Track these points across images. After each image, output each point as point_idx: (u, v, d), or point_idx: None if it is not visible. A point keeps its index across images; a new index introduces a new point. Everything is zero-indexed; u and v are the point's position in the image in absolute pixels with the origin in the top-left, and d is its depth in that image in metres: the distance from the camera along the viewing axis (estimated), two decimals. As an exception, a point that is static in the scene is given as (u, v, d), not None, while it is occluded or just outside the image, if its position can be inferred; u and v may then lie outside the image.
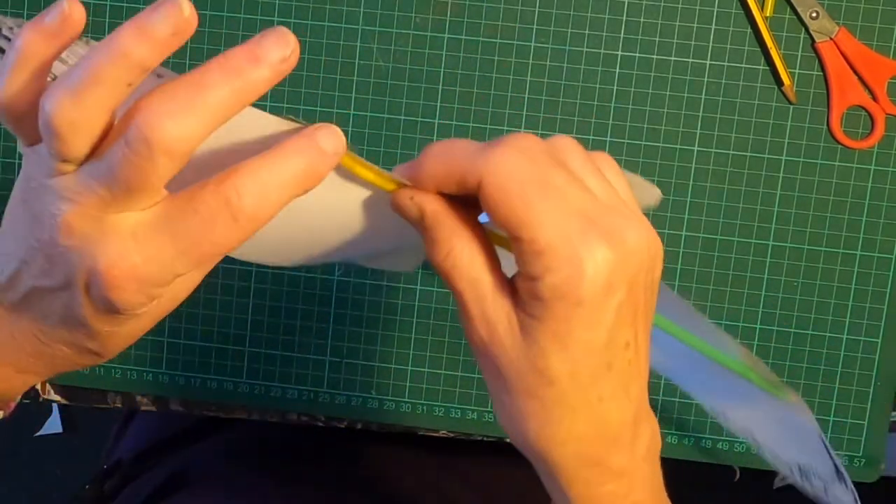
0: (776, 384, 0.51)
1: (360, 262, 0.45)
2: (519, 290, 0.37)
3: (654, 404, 0.66)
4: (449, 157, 0.37)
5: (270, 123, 0.36)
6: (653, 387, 0.66)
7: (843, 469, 0.57)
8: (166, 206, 0.34)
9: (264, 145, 0.35)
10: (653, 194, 0.48)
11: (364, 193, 0.39)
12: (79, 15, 0.34)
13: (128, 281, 0.34)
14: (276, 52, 0.33)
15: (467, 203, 0.38)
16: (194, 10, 0.33)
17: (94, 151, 0.34)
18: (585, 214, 0.36)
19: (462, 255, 0.37)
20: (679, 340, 0.48)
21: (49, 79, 0.34)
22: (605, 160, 0.39)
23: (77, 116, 0.33)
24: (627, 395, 0.39)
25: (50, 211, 0.35)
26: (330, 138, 0.35)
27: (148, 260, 0.34)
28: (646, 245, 0.37)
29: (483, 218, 0.38)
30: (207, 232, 0.34)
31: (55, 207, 0.35)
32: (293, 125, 0.36)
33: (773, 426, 0.54)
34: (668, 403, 0.66)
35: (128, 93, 0.33)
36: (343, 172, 0.37)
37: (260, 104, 0.34)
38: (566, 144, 0.38)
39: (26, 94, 0.35)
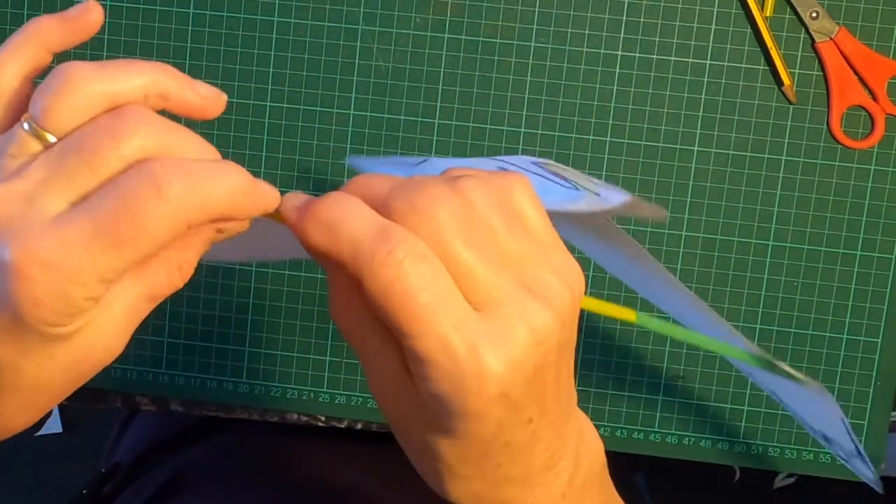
0: (794, 375, 0.51)
1: None
2: (412, 374, 0.34)
3: (653, 404, 0.66)
4: (334, 237, 0.33)
5: None
6: (653, 386, 0.66)
7: (863, 452, 0.56)
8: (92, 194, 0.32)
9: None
10: (657, 213, 0.47)
11: None
12: (96, 15, 0.36)
13: (40, 268, 0.31)
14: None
15: None
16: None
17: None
18: (483, 307, 0.33)
19: (348, 321, 0.35)
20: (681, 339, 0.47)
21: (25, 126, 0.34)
22: (514, 189, 0.36)
23: (103, 88, 0.33)
24: (531, 455, 0.37)
25: None
26: (268, 186, 0.34)
27: (63, 243, 0.31)
28: (553, 323, 0.34)
29: None
30: (128, 206, 0.31)
31: None
32: None
33: (797, 396, 0.53)
34: (668, 403, 0.66)
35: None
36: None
37: (260, 103, 0.34)
38: (471, 190, 0.35)
39: (16, 68, 0.35)
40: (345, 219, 0.33)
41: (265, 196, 0.34)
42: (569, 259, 0.36)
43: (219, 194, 0.33)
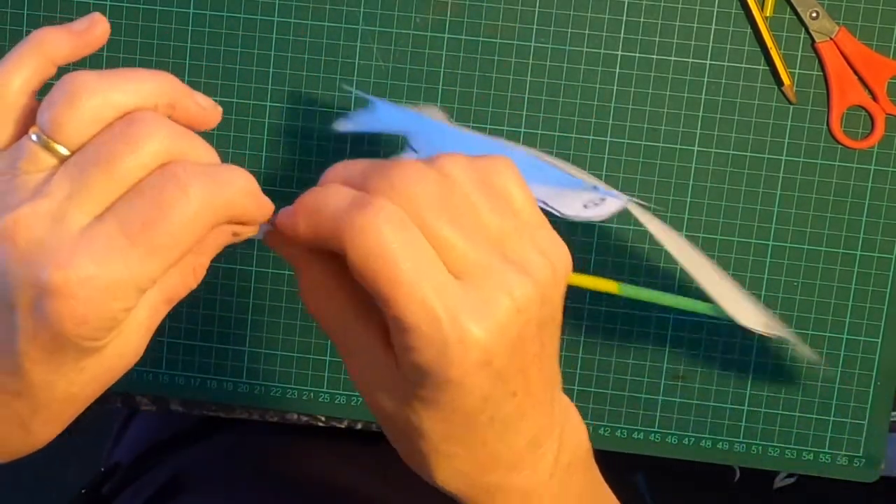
0: (765, 333, 0.52)
1: None
2: (394, 346, 0.35)
3: (653, 405, 0.66)
4: (317, 217, 0.34)
5: None
6: (653, 386, 0.66)
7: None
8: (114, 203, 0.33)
9: None
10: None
11: None
12: (103, 29, 0.36)
13: (80, 286, 0.31)
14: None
15: None
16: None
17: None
18: (464, 276, 0.33)
19: (327, 311, 0.36)
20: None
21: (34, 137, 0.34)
22: (499, 171, 0.36)
23: (112, 98, 0.33)
24: (516, 432, 0.37)
25: None
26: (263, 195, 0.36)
27: (99, 259, 0.31)
28: (534, 294, 0.34)
29: None
30: (158, 212, 0.32)
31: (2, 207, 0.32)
32: None
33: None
34: (667, 403, 0.66)
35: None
36: None
37: (260, 103, 0.34)
38: (452, 168, 0.35)
39: (21, 80, 0.35)
40: (325, 200, 0.34)
41: (266, 200, 0.35)
42: (555, 238, 0.36)
43: (234, 194, 0.33)
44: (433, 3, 0.65)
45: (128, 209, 0.32)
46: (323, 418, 0.69)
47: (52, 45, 0.36)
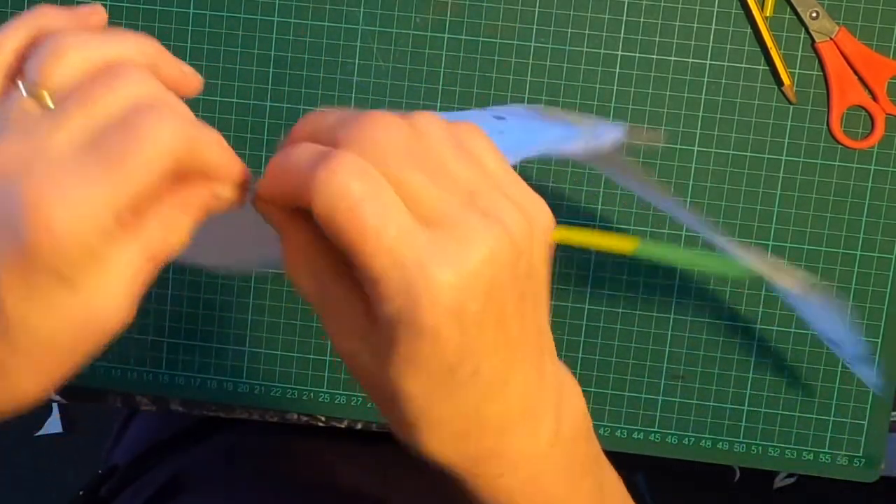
0: (794, 286, 0.52)
1: None
2: (370, 304, 0.35)
3: (653, 404, 0.66)
4: (284, 175, 0.35)
5: None
6: (653, 386, 0.66)
7: (863, 352, 0.58)
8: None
9: None
10: (654, 138, 0.48)
11: None
12: (100, 17, 0.38)
13: (51, 195, 0.31)
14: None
15: None
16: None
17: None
18: (433, 225, 0.33)
19: (308, 275, 0.36)
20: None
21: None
22: (472, 135, 0.37)
23: (98, 52, 0.34)
24: (504, 391, 0.37)
25: None
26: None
27: (75, 177, 0.32)
28: (507, 242, 0.34)
29: None
30: (132, 133, 0.33)
31: None
32: None
33: (809, 306, 0.54)
34: (668, 403, 0.66)
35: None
36: None
37: (260, 103, 0.35)
38: (424, 123, 0.35)
39: (15, 39, 0.36)
40: (290, 157, 0.35)
41: (238, 158, 0.37)
42: (531, 194, 0.36)
43: (205, 137, 0.35)
44: (433, 3, 0.65)
45: (102, 134, 0.33)
46: (323, 418, 0.69)
47: (48, 18, 0.37)
